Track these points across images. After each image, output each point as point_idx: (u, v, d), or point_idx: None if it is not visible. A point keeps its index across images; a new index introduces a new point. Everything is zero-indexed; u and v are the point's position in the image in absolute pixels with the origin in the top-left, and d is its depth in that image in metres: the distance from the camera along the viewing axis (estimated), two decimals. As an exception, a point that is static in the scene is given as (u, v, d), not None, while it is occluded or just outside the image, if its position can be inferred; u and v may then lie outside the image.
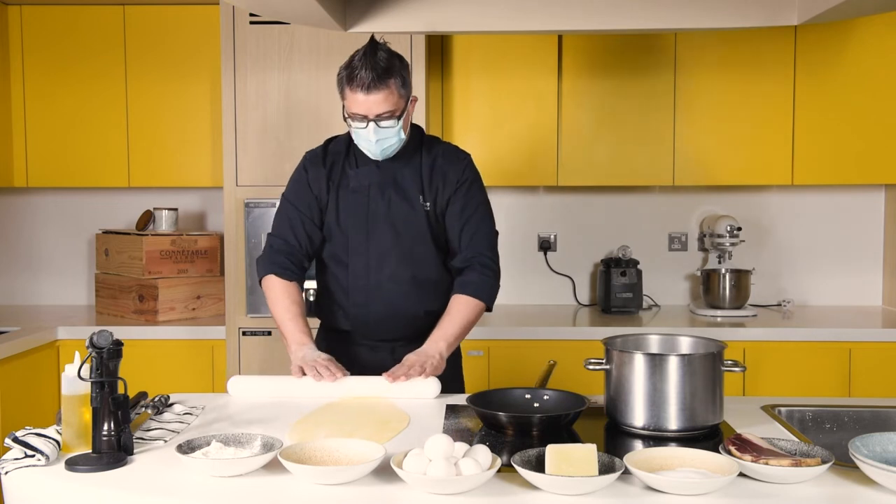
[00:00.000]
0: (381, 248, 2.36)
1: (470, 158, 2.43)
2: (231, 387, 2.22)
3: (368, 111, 2.20)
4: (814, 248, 3.97)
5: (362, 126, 2.23)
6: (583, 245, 4.00)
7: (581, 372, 2.04)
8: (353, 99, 2.20)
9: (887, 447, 1.62)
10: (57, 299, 4.10)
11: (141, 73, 3.70)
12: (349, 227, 2.37)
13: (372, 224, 2.35)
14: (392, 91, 2.20)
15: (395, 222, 2.35)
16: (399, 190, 2.35)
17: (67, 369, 1.74)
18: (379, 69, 2.17)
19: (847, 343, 3.35)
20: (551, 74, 3.63)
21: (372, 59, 2.17)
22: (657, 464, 1.59)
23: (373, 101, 2.18)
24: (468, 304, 2.33)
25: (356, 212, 2.36)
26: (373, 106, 2.19)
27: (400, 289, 2.37)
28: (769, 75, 3.60)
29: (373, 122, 2.21)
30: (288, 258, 2.38)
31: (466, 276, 2.36)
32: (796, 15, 2.67)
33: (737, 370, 1.89)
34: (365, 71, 2.16)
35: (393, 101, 2.21)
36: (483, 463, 1.53)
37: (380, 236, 2.35)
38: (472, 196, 2.39)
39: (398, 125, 2.24)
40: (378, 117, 2.20)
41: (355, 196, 2.36)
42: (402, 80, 2.22)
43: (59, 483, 1.60)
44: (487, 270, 2.37)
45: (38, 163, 3.75)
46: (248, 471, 1.60)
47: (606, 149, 3.66)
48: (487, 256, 2.38)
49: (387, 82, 2.18)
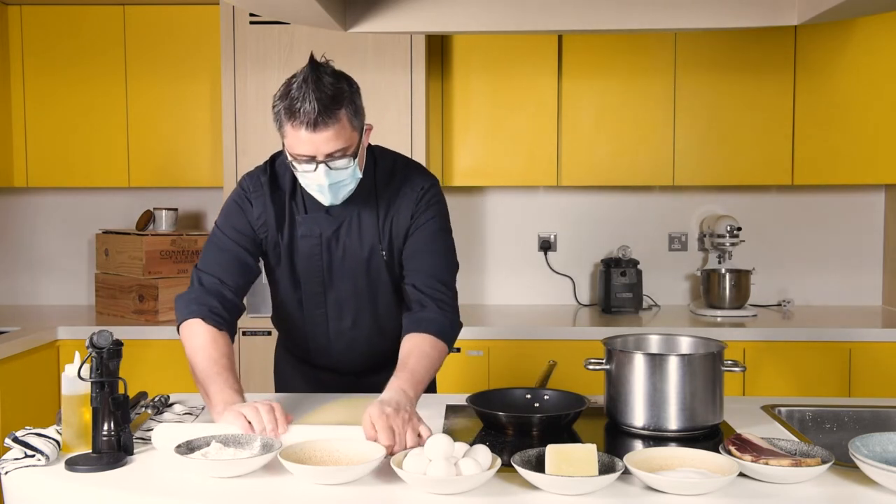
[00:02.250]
0: (340, 299, 2.13)
1: (428, 185, 2.09)
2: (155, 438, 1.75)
3: (316, 151, 1.84)
4: (814, 248, 3.97)
5: (310, 169, 1.87)
6: (583, 245, 4.00)
7: (581, 372, 2.04)
8: (295, 137, 1.83)
9: (887, 447, 1.62)
10: (57, 299, 4.10)
11: (141, 73, 3.70)
12: (302, 275, 2.11)
13: (326, 276, 2.10)
14: (343, 125, 1.83)
15: (354, 272, 2.09)
16: (354, 237, 2.06)
17: (67, 369, 1.74)
18: (326, 100, 1.80)
19: (847, 343, 3.35)
20: (551, 74, 3.63)
21: (315, 88, 1.80)
22: (657, 464, 1.59)
23: (321, 139, 1.82)
24: (432, 343, 1.97)
25: (310, 261, 2.08)
26: (321, 145, 1.83)
27: (362, 334, 2.18)
28: (769, 75, 3.60)
29: (322, 164, 1.85)
30: (220, 302, 1.98)
31: (424, 313, 2.00)
32: (796, 15, 2.67)
33: (737, 370, 1.89)
34: (308, 103, 1.78)
35: (345, 136, 1.85)
36: (483, 463, 1.53)
37: (337, 288, 2.11)
38: (429, 226, 2.06)
39: (353, 164, 1.89)
40: (329, 157, 1.85)
41: (306, 243, 2.06)
42: (353, 109, 1.86)
43: (59, 483, 1.59)
44: (446, 306, 2.03)
45: (38, 163, 3.75)
46: (247, 471, 1.60)
47: (606, 149, 3.66)
48: (443, 291, 2.05)
49: (336, 115, 1.81)
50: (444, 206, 2.13)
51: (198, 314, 1.96)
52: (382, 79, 3.35)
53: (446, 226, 2.12)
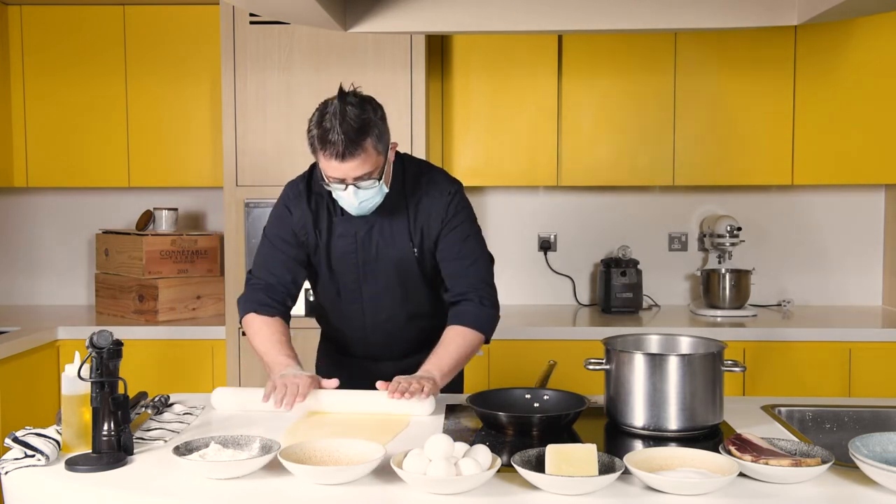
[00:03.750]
0: (374, 293, 2.30)
1: (455, 190, 2.29)
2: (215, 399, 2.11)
3: (345, 176, 2.06)
4: (814, 248, 3.97)
5: (341, 188, 2.10)
6: (583, 245, 4.00)
7: (581, 372, 2.04)
8: (326, 164, 2.06)
9: (887, 447, 1.62)
10: (57, 299, 4.10)
11: (141, 73, 3.70)
12: (339, 273, 2.30)
13: (362, 271, 2.28)
14: (369, 153, 2.04)
15: (387, 268, 2.28)
16: (387, 236, 2.25)
17: (67, 369, 1.74)
18: (352, 133, 2.00)
19: (847, 343, 3.35)
20: (551, 74, 3.63)
21: (342, 120, 2.00)
22: (657, 464, 1.59)
23: (348, 167, 2.04)
24: (463, 334, 2.21)
25: (345, 259, 2.27)
26: (349, 171, 2.05)
27: (397, 325, 2.35)
28: (769, 75, 3.60)
29: (352, 186, 2.08)
30: (268, 295, 2.27)
31: (462, 307, 2.25)
32: (796, 15, 2.67)
33: (737, 370, 1.89)
34: (337, 135, 1.99)
35: (371, 162, 2.06)
36: (483, 463, 1.53)
37: (371, 282, 2.29)
38: (461, 230, 2.26)
39: (379, 184, 2.12)
40: (357, 180, 2.07)
41: (343, 242, 2.26)
42: (377, 136, 2.06)
43: (59, 483, 1.60)
44: (486, 300, 2.26)
45: (38, 163, 3.75)
46: (245, 473, 1.59)
47: (606, 149, 3.66)
48: (483, 288, 2.27)
49: (362, 146, 2.02)
50: (471, 208, 2.33)
51: (250, 309, 2.27)
52: (382, 79, 3.35)
53: (476, 228, 2.32)
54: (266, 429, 1.90)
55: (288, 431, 1.88)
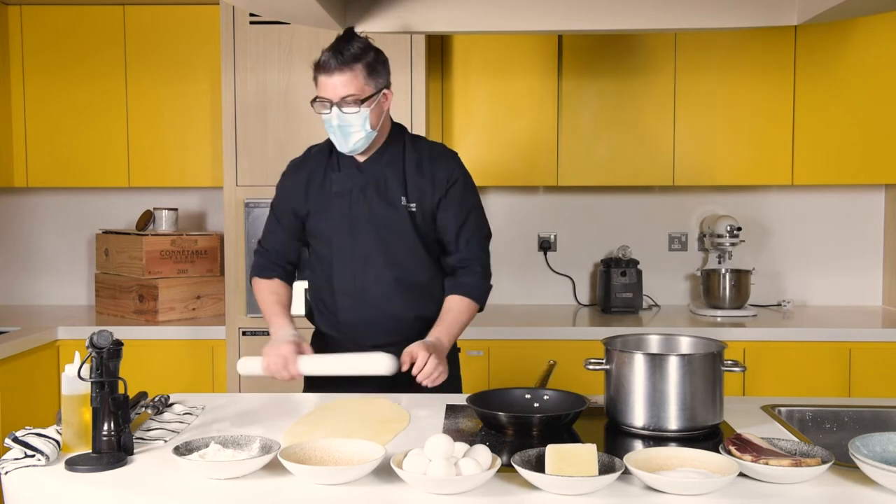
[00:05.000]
0: (366, 252, 2.32)
1: (458, 157, 2.41)
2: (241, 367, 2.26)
3: (332, 94, 2.18)
4: (814, 248, 3.97)
5: (326, 111, 2.21)
6: (583, 245, 4.00)
7: (581, 372, 2.04)
8: (320, 83, 2.20)
9: (887, 447, 1.62)
10: (57, 299, 4.10)
11: (141, 73, 3.70)
12: (333, 231, 2.35)
13: (355, 228, 2.32)
14: (356, 75, 2.18)
15: (378, 225, 2.31)
16: (381, 192, 2.31)
17: (67, 369, 1.74)
18: (345, 53, 2.17)
19: (847, 343, 3.35)
20: (551, 75, 3.63)
21: (339, 44, 2.18)
22: (657, 464, 1.59)
23: (335, 82, 2.17)
24: (465, 304, 2.34)
25: (339, 216, 2.33)
26: (335, 88, 2.17)
27: (386, 291, 2.33)
28: (769, 75, 3.60)
29: (336, 107, 2.19)
30: (267, 260, 2.45)
31: (462, 278, 2.36)
32: (796, 15, 2.67)
33: (737, 370, 1.89)
34: (331, 53, 2.17)
35: (357, 85, 2.18)
36: (483, 463, 1.53)
37: (363, 240, 2.32)
38: (465, 197, 2.36)
39: (363, 113, 2.20)
40: (342, 101, 2.18)
41: (338, 200, 2.33)
42: (370, 69, 2.20)
43: (59, 483, 1.60)
44: (483, 271, 2.39)
45: (38, 163, 3.75)
46: (245, 473, 1.59)
47: (606, 149, 3.66)
48: (483, 258, 2.39)
49: (351, 66, 2.17)
50: (474, 183, 2.43)
51: (253, 274, 2.47)
52: (382, 79, 3.35)
53: (479, 200, 2.42)
54: (266, 429, 1.90)
55: (287, 432, 1.88)
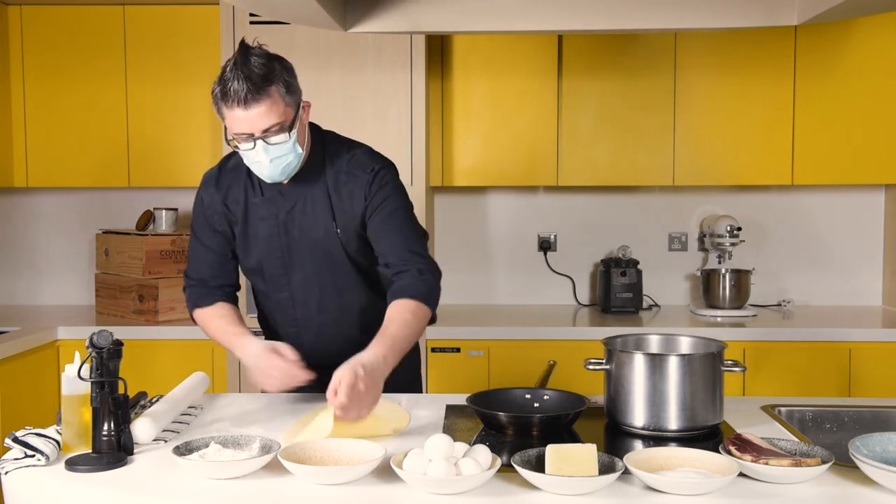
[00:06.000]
0: (302, 281, 2.17)
1: (378, 167, 2.13)
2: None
3: (252, 128, 1.92)
4: (814, 248, 3.97)
5: (249, 147, 1.95)
6: (583, 245, 4.00)
7: (581, 372, 2.04)
8: (232, 117, 1.92)
9: (887, 447, 1.62)
10: (57, 299, 4.10)
11: (141, 73, 3.70)
12: (263, 261, 2.18)
13: (287, 258, 2.16)
14: (275, 100, 1.92)
15: (313, 251, 2.14)
16: (309, 216, 2.12)
17: (67, 369, 1.74)
18: (254, 77, 1.89)
19: (847, 343, 3.35)
20: (551, 74, 3.63)
21: (245, 68, 1.89)
22: (657, 464, 1.59)
23: (254, 115, 1.91)
24: (407, 308, 2.02)
25: (268, 245, 2.15)
26: (255, 121, 1.91)
27: (329, 318, 2.20)
28: (769, 75, 3.60)
29: (260, 140, 1.94)
30: (203, 288, 2.21)
31: (402, 282, 2.07)
32: (796, 15, 2.67)
33: (737, 370, 1.89)
34: (238, 82, 1.88)
35: (278, 111, 1.93)
36: (483, 463, 1.53)
37: (299, 267, 2.16)
38: (387, 205, 2.11)
39: (291, 139, 1.97)
40: (265, 133, 1.94)
41: (264, 225, 2.14)
42: (285, 86, 1.94)
43: (59, 483, 1.60)
44: (425, 271, 2.08)
45: (38, 163, 3.75)
46: (245, 473, 1.59)
47: (606, 149, 3.66)
48: (419, 260, 2.09)
49: (267, 90, 1.90)
50: (401, 186, 2.17)
51: (192, 307, 2.24)
52: (382, 79, 3.35)
53: (405, 203, 2.16)
54: (266, 429, 1.90)
55: (288, 432, 1.87)
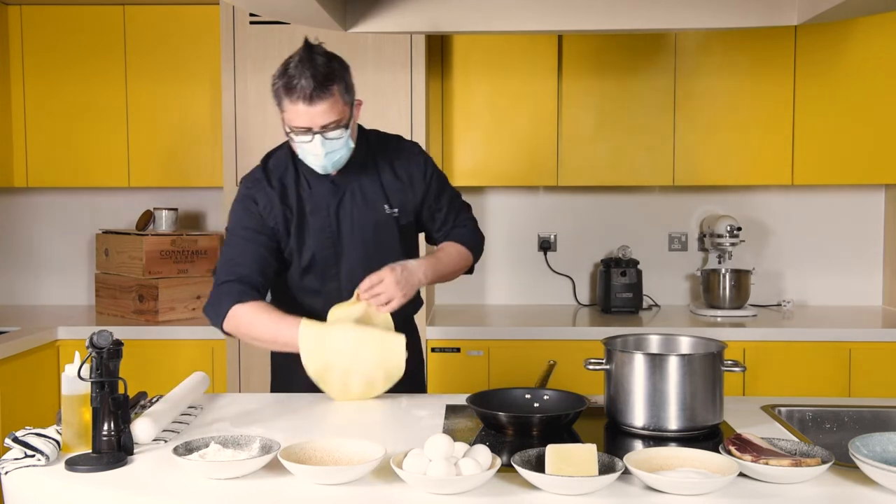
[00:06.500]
0: (351, 267, 2.22)
1: (420, 147, 2.35)
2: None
3: (312, 123, 2.03)
4: (814, 248, 3.97)
5: (307, 140, 2.06)
6: (583, 245, 4.00)
7: (581, 372, 2.04)
8: (293, 111, 2.03)
9: (887, 447, 1.62)
10: (57, 299, 4.10)
11: (141, 72, 3.70)
12: (316, 254, 2.22)
13: (338, 247, 2.22)
14: (336, 99, 2.03)
15: (365, 238, 2.23)
16: (361, 201, 2.21)
17: (67, 369, 1.74)
18: (319, 76, 1.99)
19: (847, 343, 3.35)
20: (551, 74, 3.63)
21: (311, 66, 1.99)
22: (657, 464, 1.59)
23: (316, 111, 2.01)
24: (458, 249, 2.33)
25: (320, 236, 2.20)
26: (316, 117, 2.02)
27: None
28: (769, 75, 3.60)
29: (318, 135, 2.04)
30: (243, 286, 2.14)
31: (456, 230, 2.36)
32: (796, 15, 2.67)
33: (737, 370, 1.89)
34: (304, 80, 1.98)
35: (338, 109, 2.04)
36: (483, 463, 1.53)
37: (348, 256, 2.22)
38: (441, 186, 2.34)
39: (346, 135, 2.08)
40: (324, 129, 2.04)
41: (316, 218, 2.20)
42: (345, 86, 2.06)
43: (59, 483, 1.60)
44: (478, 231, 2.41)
45: (38, 163, 3.75)
46: (245, 473, 1.59)
47: (606, 149, 3.66)
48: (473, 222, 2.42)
49: (330, 90, 2.01)
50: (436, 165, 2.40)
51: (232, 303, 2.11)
52: (382, 79, 3.35)
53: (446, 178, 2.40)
54: (266, 429, 1.90)
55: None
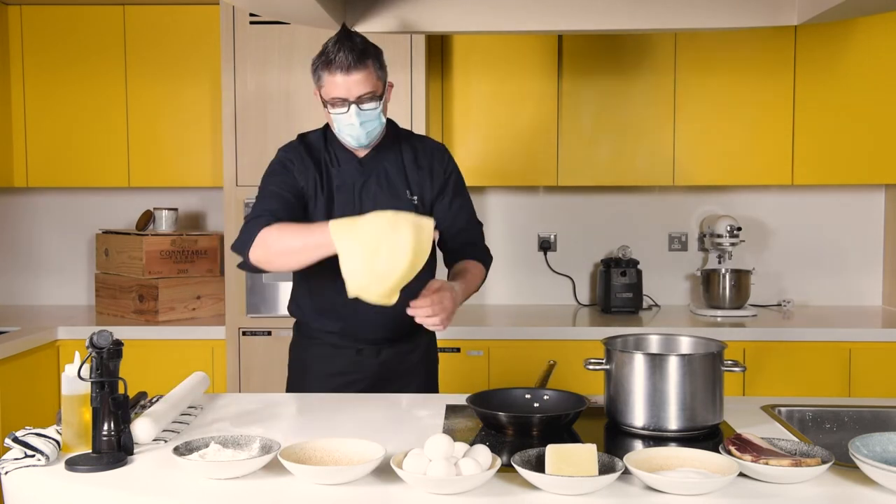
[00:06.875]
0: None
1: (447, 148, 2.43)
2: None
3: (349, 93, 2.16)
4: (814, 248, 3.97)
5: (343, 111, 2.18)
6: (583, 245, 4.00)
7: (581, 372, 2.04)
8: (331, 83, 2.16)
9: (887, 447, 1.62)
10: (57, 299, 4.10)
11: (141, 73, 3.70)
12: None
13: None
14: (371, 72, 2.17)
15: None
16: (385, 185, 2.30)
17: (67, 369, 1.74)
18: (357, 50, 2.15)
19: (847, 343, 3.35)
20: (551, 74, 3.63)
21: (349, 41, 2.16)
22: (657, 464, 1.59)
23: (353, 81, 2.15)
24: (479, 269, 2.40)
25: (344, 211, 2.27)
26: (353, 87, 2.15)
27: None
28: (769, 75, 3.60)
29: (354, 105, 2.17)
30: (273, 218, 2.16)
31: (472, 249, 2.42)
32: (796, 15, 2.67)
33: (737, 370, 1.89)
34: (343, 53, 2.14)
35: (372, 81, 2.18)
36: (483, 463, 1.53)
37: None
38: (459, 188, 2.40)
39: (379, 107, 2.21)
40: (359, 99, 2.17)
41: (342, 195, 2.30)
42: (379, 63, 2.21)
43: (59, 483, 1.60)
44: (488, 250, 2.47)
45: (38, 163, 3.75)
46: (245, 473, 1.59)
47: (606, 149, 3.66)
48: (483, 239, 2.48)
49: (365, 62, 2.16)
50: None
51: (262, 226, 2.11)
52: (382, 79, 3.35)
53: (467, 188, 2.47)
54: (266, 429, 1.90)
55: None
